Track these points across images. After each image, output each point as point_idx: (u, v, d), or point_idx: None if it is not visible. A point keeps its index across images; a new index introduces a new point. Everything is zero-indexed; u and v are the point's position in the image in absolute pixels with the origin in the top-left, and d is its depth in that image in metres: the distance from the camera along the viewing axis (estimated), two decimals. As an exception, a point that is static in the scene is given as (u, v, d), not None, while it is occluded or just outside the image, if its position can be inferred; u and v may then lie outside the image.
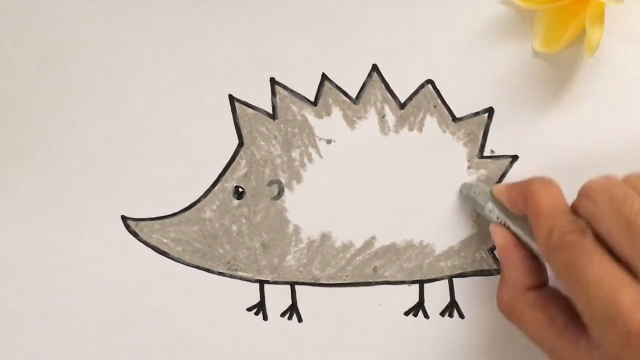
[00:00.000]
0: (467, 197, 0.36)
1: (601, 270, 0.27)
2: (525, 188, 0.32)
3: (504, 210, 0.34)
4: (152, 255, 0.37)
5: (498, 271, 0.37)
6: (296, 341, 0.37)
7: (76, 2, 0.37)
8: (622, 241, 0.27)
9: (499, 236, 0.33)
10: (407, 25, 0.37)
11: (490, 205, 0.34)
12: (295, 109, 0.37)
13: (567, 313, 0.29)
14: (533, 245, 0.32)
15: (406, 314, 0.37)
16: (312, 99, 0.37)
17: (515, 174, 0.37)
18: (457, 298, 0.37)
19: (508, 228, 0.33)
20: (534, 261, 0.32)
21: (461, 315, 0.37)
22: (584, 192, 0.29)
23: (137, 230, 0.37)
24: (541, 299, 0.31)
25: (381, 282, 0.37)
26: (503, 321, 0.32)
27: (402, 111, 0.37)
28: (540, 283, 0.32)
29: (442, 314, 0.37)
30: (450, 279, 0.37)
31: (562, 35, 0.35)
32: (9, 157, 0.37)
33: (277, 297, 0.37)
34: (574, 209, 0.30)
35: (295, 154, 0.37)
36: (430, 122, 0.37)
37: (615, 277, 0.26)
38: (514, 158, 0.37)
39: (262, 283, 0.37)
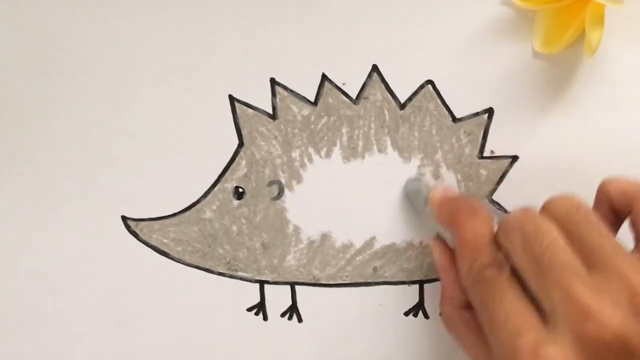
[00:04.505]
0: (408, 196, 0.36)
1: (511, 310, 0.26)
2: (453, 212, 0.31)
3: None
4: (152, 255, 0.37)
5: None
6: (296, 341, 0.37)
7: (76, 2, 0.37)
8: (531, 278, 0.27)
9: (436, 251, 0.33)
10: (407, 25, 0.37)
11: (428, 209, 0.34)
12: (295, 109, 0.37)
13: None
14: None
15: (406, 314, 0.37)
16: (312, 99, 0.37)
17: (515, 174, 0.37)
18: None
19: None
20: None
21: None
22: (500, 227, 0.29)
23: (137, 231, 0.37)
24: (476, 319, 0.30)
25: (381, 282, 0.37)
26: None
27: (402, 111, 0.37)
28: None
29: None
30: (450, 279, 0.37)
31: (562, 35, 0.35)
32: (9, 157, 0.37)
33: (277, 297, 0.37)
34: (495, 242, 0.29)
35: (295, 154, 0.37)
36: (430, 122, 0.37)
37: (520, 319, 0.26)
38: (514, 158, 0.37)
39: (262, 283, 0.37)
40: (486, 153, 0.37)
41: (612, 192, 0.30)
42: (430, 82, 0.37)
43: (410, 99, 0.37)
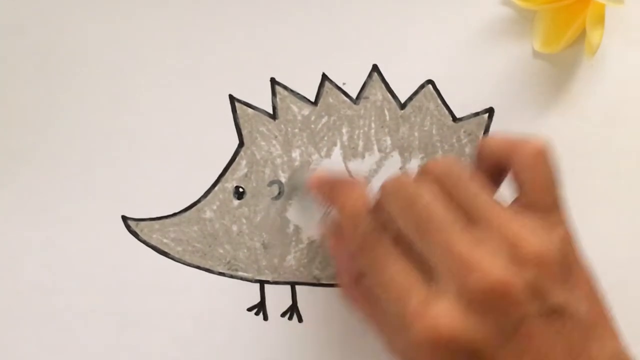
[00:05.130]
0: (292, 188, 0.36)
1: (393, 273, 0.27)
2: (330, 189, 0.32)
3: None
4: (152, 255, 0.37)
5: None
6: (296, 341, 0.37)
7: (76, 2, 0.37)
8: (414, 238, 0.27)
9: (322, 230, 0.33)
10: (407, 25, 0.37)
11: (311, 195, 0.34)
12: (295, 108, 0.37)
13: None
14: None
15: (406, 313, 0.37)
16: (312, 98, 0.37)
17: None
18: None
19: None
20: None
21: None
22: (381, 192, 0.29)
23: (137, 230, 0.37)
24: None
25: (381, 282, 0.37)
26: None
27: (402, 111, 0.37)
28: None
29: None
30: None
31: (562, 35, 0.35)
32: (9, 157, 0.37)
33: (277, 297, 0.37)
34: (377, 209, 0.30)
35: (295, 153, 0.37)
36: (431, 122, 0.37)
37: (404, 281, 0.26)
38: (514, 158, 0.37)
39: (262, 283, 0.37)
40: (486, 153, 0.37)
41: (492, 147, 0.30)
42: (430, 82, 0.37)
43: (410, 98, 0.37)
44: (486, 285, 0.24)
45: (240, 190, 0.37)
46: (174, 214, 0.37)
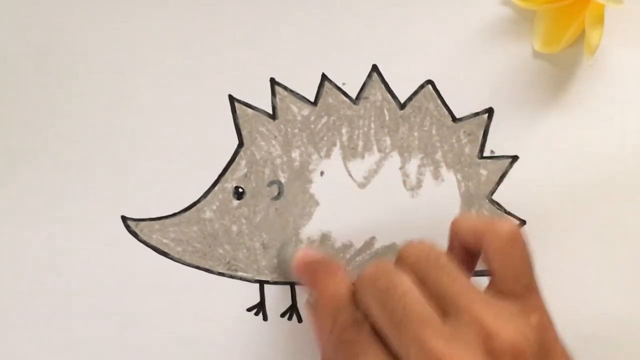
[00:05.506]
0: (281, 263, 0.36)
1: None
2: (311, 274, 0.32)
3: None
4: (152, 255, 0.37)
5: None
6: (296, 341, 0.37)
7: (76, 2, 0.37)
8: (389, 333, 0.26)
9: (308, 313, 0.33)
10: (407, 25, 0.37)
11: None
12: (295, 109, 0.37)
13: None
14: None
15: (406, 314, 0.37)
16: (312, 99, 0.37)
17: (515, 174, 0.37)
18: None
19: None
20: None
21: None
22: (357, 285, 0.29)
23: (137, 231, 0.37)
24: None
25: (381, 282, 0.37)
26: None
27: (402, 111, 0.37)
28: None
29: (442, 314, 0.37)
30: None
31: (562, 35, 0.35)
32: (9, 157, 0.37)
33: (277, 297, 0.37)
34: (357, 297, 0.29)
35: (295, 154, 0.37)
36: (430, 122, 0.37)
37: None
38: (514, 158, 0.37)
39: (262, 283, 0.37)
40: (486, 153, 0.37)
41: (463, 230, 0.30)
42: (430, 82, 0.37)
43: (410, 99, 0.37)
44: None
45: (240, 190, 0.37)
46: (174, 214, 0.37)
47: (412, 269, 0.28)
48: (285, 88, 0.37)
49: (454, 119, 0.37)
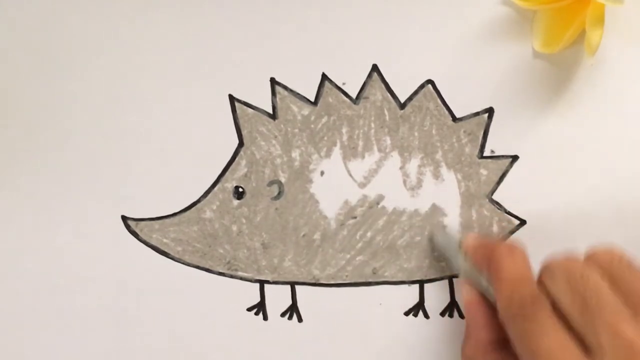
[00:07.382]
0: (437, 246, 0.36)
1: (554, 343, 0.27)
2: (490, 252, 0.33)
3: (472, 265, 0.34)
4: (152, 255, 0.37)
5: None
6: (296, 341, 0.37)
7: (76, 2, 0.37)
8: (577, 316, 0.28)
9: (464, 293, 0.34)
10: (407, 25, 0.37)
11: (460, 258, 0.34)
12: (295, 108, 0.37)
13: None
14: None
15: (406, 314, 0.37)
16: (312, 98, 0.37)
17: (515, 174, 0.37)
18: (457, 298, 0.37)
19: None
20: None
21: (461, 315, 0.37)
22: (545, 269, 0.31)
23: (137, 230, 0.37)
24: None
25: (381, 282, 0.37)
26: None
27: (402, 111, 0.37)
28: (504, 339, 0.32)
29: (442, 314, 0.37)
30: (450, 279, 0.37)
31: (562, 35, 0.35)
32: (9, 157, 0.37)
33: (277, 297, 0.37)
34: (536, 283, 0.31)
35: (295, 154, 0.37)
36: (430, 122, 0.37)
37: (566, 352, 0.27)
38: (514, 158, 0.37)
39: (262, 283, 0.37)
40: (486, 153, 0.37)
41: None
42: (430, 81, 0.37)
43: (410, 98, 0.37)
44: None
45: (240, 190, 0.37)
46: (174, 214, 0.37)
47: (603, 269, 0.29)
48: (285, 88, 0.37)
49: (454, 119, 0.37)
